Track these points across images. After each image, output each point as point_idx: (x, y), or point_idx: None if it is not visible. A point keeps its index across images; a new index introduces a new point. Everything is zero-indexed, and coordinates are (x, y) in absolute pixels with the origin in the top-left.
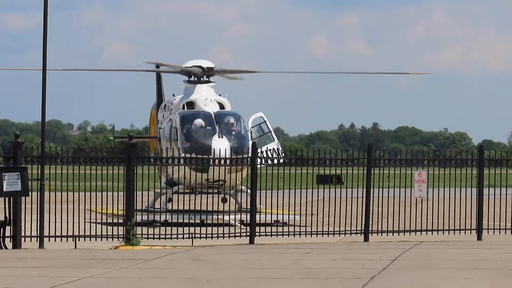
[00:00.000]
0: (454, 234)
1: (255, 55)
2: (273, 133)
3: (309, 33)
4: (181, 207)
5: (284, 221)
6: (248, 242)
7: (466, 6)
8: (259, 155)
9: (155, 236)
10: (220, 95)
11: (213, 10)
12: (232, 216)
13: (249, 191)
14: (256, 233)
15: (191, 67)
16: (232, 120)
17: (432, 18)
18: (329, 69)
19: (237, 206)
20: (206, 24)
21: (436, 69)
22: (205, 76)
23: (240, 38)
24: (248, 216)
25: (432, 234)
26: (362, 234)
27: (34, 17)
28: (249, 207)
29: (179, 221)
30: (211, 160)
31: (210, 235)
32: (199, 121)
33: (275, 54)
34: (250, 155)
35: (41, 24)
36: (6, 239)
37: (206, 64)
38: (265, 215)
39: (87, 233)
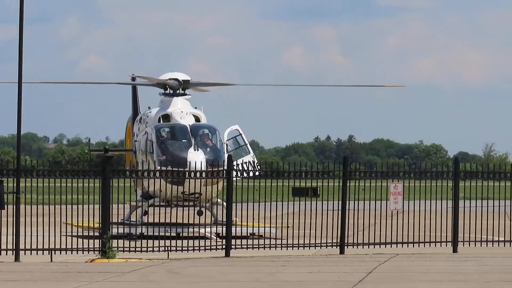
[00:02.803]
0: (430, 246)
1: (230, 67)
2: (248, 146)
3: (283, 45)
4: (157, 220)
5: (260, 234)
6: (224, 255)
7: (441, 18)
8: (235, 167)
9: (131, 249)
10: (195, 107)
11: (188, 22)
12: (208, 229)
13: (224, 203)
14: (232, 246)
15: (167, 79)
16: (207, 132)
17: (407, 30)
18: (305, 81)
19: (213, 218)
20: (181, 36)
21: (411, 81)
22: (181, 89)
23: (214, 50)
24: (224, 228)
25: (408, 246)
26: (338, 247)
27: (9, 30)
28: (225, 220)
29: (155, 234)
30: (186, 173)
31: (186, 248)
32: (174, 134)
33: (250, 66)
34: (225, 167)
35: (17, 37)
36: None
37: (182, 76)
38: (241, 227)
39: (63, 246)
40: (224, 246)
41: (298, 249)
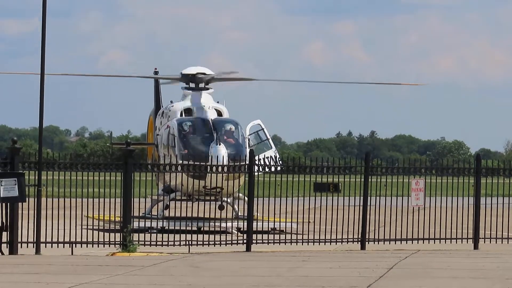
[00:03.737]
0: (451, 243)
1: (252, 62)
2: (270, 140)
3: (306, 40)
4: (178, 214)
5: (281, 229)
6: (245, 250)
7: (462, 15)
8: (257, 162)
9: (152, 243)
10: (218, 102)
11: (209, 16)
12: (229, 224)
13: (246, 198)
14: (253, 241)
15: (189, 74)
16: (230, 127)
17: (429, 26)
18: (327, 76)
19: (234, 213)
20: (203, 31)
21: (434, 78)
22: (203, 83)
23: (236, 45)
24: (245, 223)
25: (429, 242)
26: (359, 242)
27: (32, 23)
28: (246, 215)
29: (176, 228)
30: (208, 167)
31: (207, 243)
32: (196, 128)
33: (272, 61)
34: (247, 162)
35: (39, 30)
36: (2, 245)
37: (204, 71)
38: (262, 222)
39: (84, 239)
40: (245, 241)
41: (319, 244)
